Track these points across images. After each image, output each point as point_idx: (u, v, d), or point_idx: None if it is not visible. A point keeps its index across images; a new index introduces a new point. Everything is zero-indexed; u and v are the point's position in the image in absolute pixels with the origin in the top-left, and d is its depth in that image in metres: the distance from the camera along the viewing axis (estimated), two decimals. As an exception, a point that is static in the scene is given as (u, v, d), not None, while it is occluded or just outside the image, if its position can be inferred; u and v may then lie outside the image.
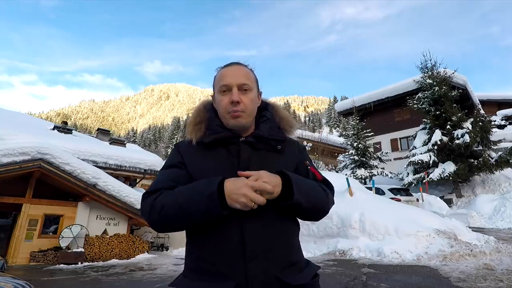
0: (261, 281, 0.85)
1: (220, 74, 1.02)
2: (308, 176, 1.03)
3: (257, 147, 0.99)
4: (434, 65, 17.98)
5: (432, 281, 4.65)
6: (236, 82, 0.97)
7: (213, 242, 0.89)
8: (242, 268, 0.85)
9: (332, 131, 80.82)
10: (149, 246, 11.23)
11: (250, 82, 1.01)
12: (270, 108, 1.11)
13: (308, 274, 0.94)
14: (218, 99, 1.00)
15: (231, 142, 0.98)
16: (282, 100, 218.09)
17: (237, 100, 0.96)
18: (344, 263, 6.45)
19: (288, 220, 0.97)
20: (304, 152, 1.11)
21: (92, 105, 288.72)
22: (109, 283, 6.23)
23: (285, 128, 1.08)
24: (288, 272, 0.89)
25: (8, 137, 10.52)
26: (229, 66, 1.03)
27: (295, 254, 0.96)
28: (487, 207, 12.26)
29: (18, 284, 2.65)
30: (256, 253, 0.87)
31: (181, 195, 0.87)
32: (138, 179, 16.04)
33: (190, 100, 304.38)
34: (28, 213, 9.44)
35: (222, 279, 0.85)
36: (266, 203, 0.86)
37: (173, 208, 0.87)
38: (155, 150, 79.68)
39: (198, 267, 0.90)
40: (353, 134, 21.52)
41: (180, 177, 0.96)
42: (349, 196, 8.73)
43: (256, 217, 0.89)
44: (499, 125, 23.33)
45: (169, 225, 0.90)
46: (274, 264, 0.88)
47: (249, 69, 1.05)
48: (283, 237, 0.93)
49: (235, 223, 0.88)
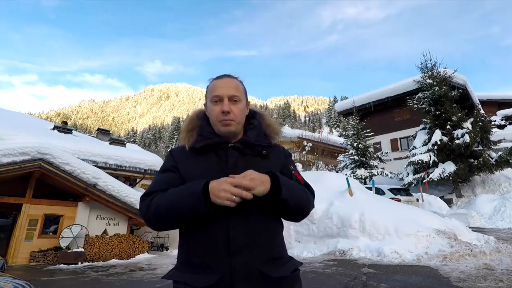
0: (244, 274, 0.93)
1: (212, 85, 1.11)
2: (292, 179, 1.10)
3: (244, 152, 1.07)
4: (434, 65, 17.98)
5: (432, 281, 4.64)
6: (227, 94, 1.07)
7: (200, 238, 0.98)
8: (227, 262, 0.93)
9: (332, 131, 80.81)
10: (149, 246, 11.24)
11: (240, 94, 1.10)
12: (257, 116, 1.20)
13: (289, 268, 1.01)
14: (210, 108, 1.09)
15: (220, 148, 1.07)
16: (282, 100, 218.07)
17: (228, 110, 1.05)
18: (344, 263, 6.45)
19: (272, 219, 1.04)
20: (289, 158, 1.19)
21: (92, 105, 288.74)
22: (109, 283, 6.23)
23: (271, 135, 1.16)
24: (270, 266, 0.97)
25: (8, 137, 10.52)
26: (221, 78, 1.12)
27: (277, 250, 1.03)
28: (487, 207, 12.26)
29: (18, 284, 2.65)
30: (240, 248, 0.95)
31: (173, 196, 0.97)
32: (138, 179, 16.05)
33: (190, 100, 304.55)
34: (28, 213, 9.44)
35: (209, 272, 0.94)
36: (252, 202, 0.94)
37: (165, 207, 0.96)
38: (155, 150, 79.71)
39: (188, 261, 0.99)
40: (353, 134, 21.51)
41: (173, 180, 1.06)
42: (349, 196, 8.72)
43: (241, 215, 0.97)
44: (499, 125, 23.33)
45: (162, 223, 1.01)
46: (257, 258, 0.96)
47: (239, 81, 1.14)
48: (266, 234, 1.01)
49: (221, 220, 0.96)
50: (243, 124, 1.14)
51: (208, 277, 0.92)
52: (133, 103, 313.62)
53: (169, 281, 1.00)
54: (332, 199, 8.76)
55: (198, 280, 0.93)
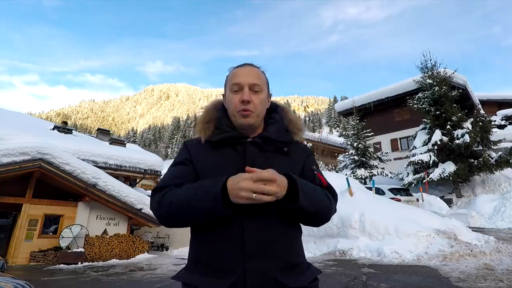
0: (258, 280, 0.86)
1: (233, 73, 1.04)
2: (315, 182, 1.03)
3: (263, 148, 1.00)
4: (434, 65, 17.98)
5: (432, 281, 4.64)
6: (248, 82, 0.99)
7: (214, 239, 0.92)
8: (241, 266, 0.87)
9: (332, 131, 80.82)
10: (149, 246, 11.24)
11: (261, 84, 1.02)
12: (279, 110, 1.12)
13: (307, 277, 0.95)
14: (229, 97, 1.02)
15: (238, 142, 1.00)
16: (282, 100, 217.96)
17: (248, 99, 0.97)
18: (344, 263, 6.45)
19: (290, 223, 0.97)
20: (312, 156, 1.11)
21: (92, 105, 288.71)
22: (109, 283, 6.23)
23: (293, 131, 1.09)
24: (287, 273, 0.90)
25: (8, 137, 10.51)
26: (242, 66, 1.05)
27: (295, 256, 0.96)
28: (487, 207, 12.25)
29: (18, 284, 2.65)
30: (255, 253, 0.88)
31: (188, 193, 0.89)
32: (138, 179, 16.04)
33: (190, 100, 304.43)
34: (28, 213, 9.44)
35: (221, 275, 0.87)
36: (269, 205, 0.86)
37: (179, 205, 0.89)
38: (155, 150, 79.71)
39: (199, 262, 0.93)
40: (353, 134, 21.51)
41: (187, 174, 0.99)
42: (349, 196, 8.73)
43: (258, 217, 0.91)
44: (499, 125, 23.30)
45: (175, 221, 0.93)
46: (273, 264, 0.89)
47: (261, 71, 1.06)
48: (284, 239, 0.94)
49: (237, 222, 0.90)
50: (263, 117, 1.06)
51: (220, 282, 0.86)
52: (133, 103, 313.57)
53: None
54: (332, 199, 8.76)
55: (209, 284, 0.87)
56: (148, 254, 10.59)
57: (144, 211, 10.39)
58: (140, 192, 11.70)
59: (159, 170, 15.03)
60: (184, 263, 0.99)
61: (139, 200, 10.48)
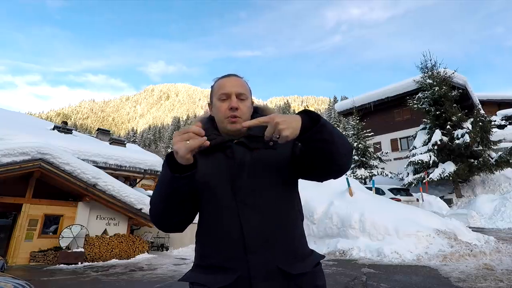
0: (263, 272, 0.89)
1: (219, 84, 1.10)
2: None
3: (250, 146, 1.04)
4: (434, 65, 18.02)
5: (432, 281, 4.65)
6: (235, 91, 1.06)
7: (214, 237, 0.96)
8: (244, 260, 0.90)
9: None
10: (149, 246, 11.24)
11: (246, 92, 1.09)
12: (259, 110, 1.18)
13: (310, 263, 0.98)
14: (217, 105, 1.07)
15: (226, 146, 1.05)
16: (282, 100, 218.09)
17: (236, 106, 1.03)
18: (344, 263, 6.45)
19: (289, 210, 1.01)
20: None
21: (92, 105, 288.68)
22: (109, 283, 6.22)
23: None
24: (290, 261, 0.93)
25: (8, 137, 10.52)
26: (228, 77, 1.11)
27: (297, 244, 0.99)
28: (487, 207, 12.26)
29: (18, 284, 2.65)
30: (256, 245, 0.91)
31: (158, 184, 0.96)
32: (138, 179, 16.04)
33: (190, 100, 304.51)
34: (28, 213, 9.44)
35: (225, 272, 0.91)
36: (265, 192, 0.96)
37: (155, 196, 0.97)
38: (155, 150, 79.64)
39: (203, 262, 0.98)
40: (353, 134, 21.54)
41: None
42: (349, 196, 8.73)
43: (255, 209, 0.94)
44: (499, 125, 23.30)
45: (160, 216, 0.98)
46: (275, 255, 0.92)
47: (244, 81, 1.14)
48: (284, 228, 0.97)
49: (234, 216, 0.94)
50: None
51: (226, 277, 0.89)
52: (133, 103, 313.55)
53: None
54: (332, 199, 8.76)
55: (215, 280, 0.90)
56: (148, 254, 10.58)
57: (144, 211, 10.38)
58: (140, 192, 11.71)
59: (159, 170, 15.01)
60: (184, 263, 1.01)
61: (139, 200, 10.48)
